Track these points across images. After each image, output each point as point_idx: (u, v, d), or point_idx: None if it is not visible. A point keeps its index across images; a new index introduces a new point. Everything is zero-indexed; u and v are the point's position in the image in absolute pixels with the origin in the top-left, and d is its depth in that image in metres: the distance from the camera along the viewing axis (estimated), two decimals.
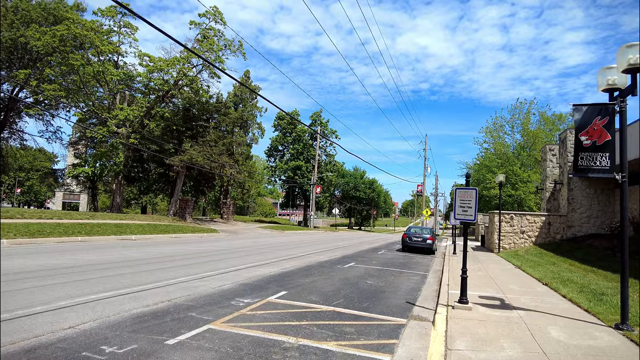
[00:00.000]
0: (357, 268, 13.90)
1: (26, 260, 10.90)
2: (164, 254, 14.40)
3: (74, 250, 14.02)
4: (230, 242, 22.61)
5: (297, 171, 57.53)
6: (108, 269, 10.13)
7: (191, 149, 29.58)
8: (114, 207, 32.11)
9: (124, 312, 6.22)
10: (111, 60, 32.36)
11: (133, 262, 11.85)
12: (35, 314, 5.77)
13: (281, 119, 61.11)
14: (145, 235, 21.27)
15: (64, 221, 19.73)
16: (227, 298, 7.69)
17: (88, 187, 53.76)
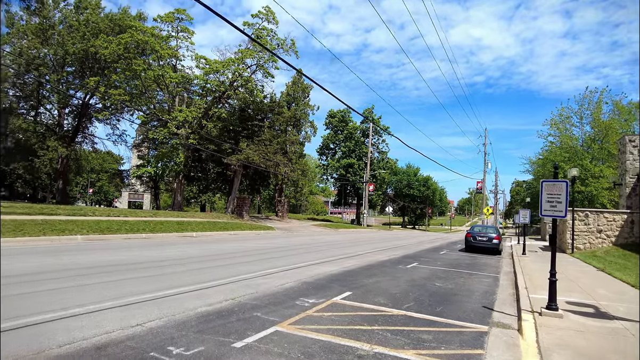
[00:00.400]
0: (422, 269, 13.15)
1: (97, 256, 11.31)
2: (224, 251, 14.49)
3: (139, 246, 14.49)
4: (287, 239, 22.58)
5: (349, 169, 56.92)
6: (171, 266, 10.23)
7: (247, 148, 30.04)
8: (175, 206, 33.41)
9: (189, 310, 6.06)
10: (170, 64, 33.65)
11: (195, 258, 11.95)
12: (105, 309, 5.75)
13: (332, 116, 60.78)
14: (205, 232, 21.76)
15: (129, 219, 20.65)
16: (292, 297, 7.36)
17: (151, 186, 56.75)
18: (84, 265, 9.48)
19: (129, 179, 61.34)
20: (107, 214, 20.38)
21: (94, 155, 61.65)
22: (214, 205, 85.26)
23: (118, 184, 62.81)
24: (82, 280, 7.72)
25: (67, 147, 39.56)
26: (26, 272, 8.21)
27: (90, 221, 17.87)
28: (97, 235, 16.14)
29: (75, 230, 15.76)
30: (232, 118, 32.03)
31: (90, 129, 47.99)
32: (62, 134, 42.18)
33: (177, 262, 10.84)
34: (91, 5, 39.88)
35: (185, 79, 33.74)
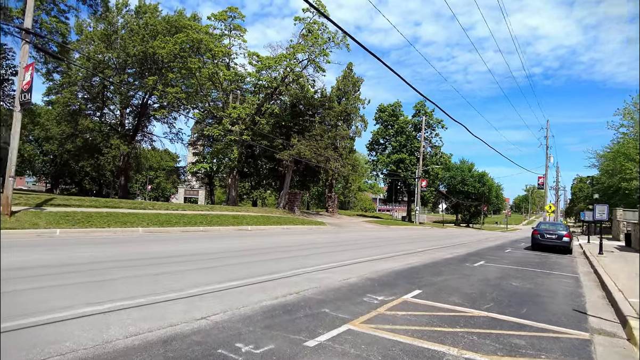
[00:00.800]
0: (491, 267, 12.16)
1: (158, 247, 11.45)
2: (280, 245, 14.28)
3: (197, 238, 14.62)
4: (339, 234, 22.13)
5: (400, 164, 55.45)
6: (230, 258, 10.07)
7: (299, 144, 29.93)
8: (230, 201, 34.06)
9: (254, 303, 5.72)
10: (223, 62, 34.26)
11: (253, 251, 11.78)
12: (168, 300, 5.54)
13: (382, 111, 59.53)
14: (259, 226, 21.83)
15: (187, 212, 21.13)
16: (358, 294, 6.85)
17: (205, 183, 58.70)
18: (146, 256, 9.55)
19: (185, 176, 63.77)
20: (165, 208, 20.99)
21: (152, 153, 64.79)
22: (265, 201, 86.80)
23: (175, 180, 65.54)
24: (144, 270, 7.67)
25: (128, 145, 41.61)
26: (91, 260, 8.32)
27: (150, 214, 18.41)
28: (157, 227, 16.55)
29: (137, 223, 16.25)
30: (284, 114, 32.07)
31: (149, 127, 50.40)
32: (124, 133, 44.46)
33: (235, 255, 10.69)
34: (149, 9, 41.61)
35: (238, 76, 34.22)
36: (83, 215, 15.33)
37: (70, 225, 13.74)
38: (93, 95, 43.45)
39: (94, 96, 43.49)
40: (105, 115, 46.86)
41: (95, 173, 61.61)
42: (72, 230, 13.40)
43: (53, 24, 22.95)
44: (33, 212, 14.11)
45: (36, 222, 13.05)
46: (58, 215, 14.33)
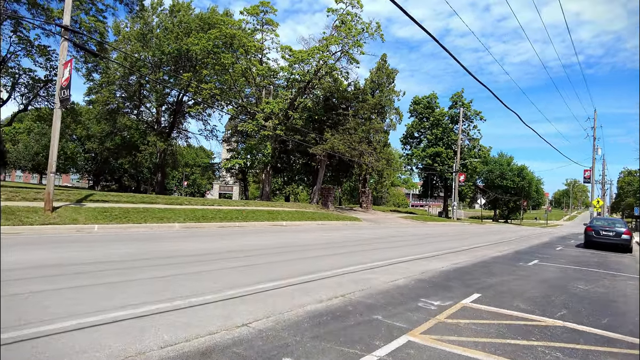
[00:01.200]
0: (547, 267, 11.16)
1: (195, 244, 11.17)
2: (317, 241, 13.76)
3: (234, 234, 14.33)
4: (376, 230, 21.40)
5: (437, 158, 53.72)
6: (269, 255, 9.62)
7: (332, 138, 29.31)
8: (264, 196, 33.95)
9: (297, 307, 5.19)
10: (256, 57, 34.07)
11: (290, 248, 11.31)
12: (206, 303, 5.09)
13: (417, 103, 57.87)
14: (293, 221, 21.44)
15: (222, 208, 21.00)
16: (410, 297, 6.19)
17: (240, 178, 59.18)
18: (182, 253, 9.25)
19: (219, 172, 64.66)
20: (201, 203, 20.94)
21: (188, 150, 66.13)
22: (298, 196, 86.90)
23: (210, 176, 66.65)
24: (181, 269, 7.31)
25: (164, 142, 42.36)
26: (126, 258, 8.06)
27: (187, 210, 18.36)
28: (193, 223, 16.42)
29: (173, 218, 16.18)
30: (317, 107, 31.52)
31: (184, 125, 51.27)
32: (160, 130, 45.34)
33: (273, 252, 10.24)
34: (183, 7, 42.08)
35: (271, 71, 33.96)
36: (120, 211, 15.39)
37: (108, 220, 13.77)
38: (130, 94, 44.53)
39: (131, 95, 44.57)
40: (142, 113, 47.99)
41: (134, 170, 63.56)
42: (109, 226, 13.41)
43: (92, 24, 23.34)
44: (73, 208, 14.24)
45: (76, 217, 13.13)
46: (96, 211, 14.41)
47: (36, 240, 9.97)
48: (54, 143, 13.01)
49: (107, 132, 47.93)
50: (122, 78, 42.23)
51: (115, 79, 41.63)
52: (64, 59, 13.24)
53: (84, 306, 4.58)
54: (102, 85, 41.44)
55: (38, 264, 6.83)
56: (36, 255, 7.72)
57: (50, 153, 12.93)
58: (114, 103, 43.84)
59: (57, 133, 13.07)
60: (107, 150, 53.08)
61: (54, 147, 12.97)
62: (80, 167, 72.83)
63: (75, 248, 8.98)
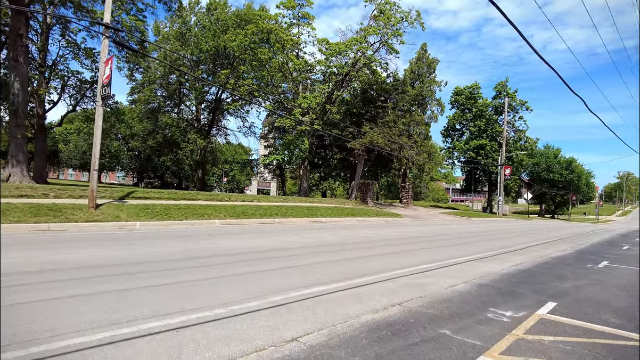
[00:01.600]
0: (621, 270, 9.97)
1: (236, 241, 10.83)
2: (360, 239, 13.11)
3: (275, 231, 13.95)
4: (419, 228, 20.46)
5: (480, 151, 51.45)
6: (313, 254, 9.09)
7: (371, 131, 28.44)
8: (302, 192, 33.64)
9: (351, 318, 4.59)
10: (293, 52, 33.70)
11: (334, 246, 10.73)
12: (250, 312, 4.58)
13: (458, 94, 55.65)
14: (333, 218, 20.88)
15: (262, 204, 20.76)
16: (477, 307, 5.44)
17: (277, 174, 59.46)
18: (223, 252, 8.88)
19: (257, 168, 65.26)
20: (241, 200, 20.80)
21: (227, 147, 67.22)
22: (334, 192, 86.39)
23: (249, 172, 67.49)
24: (222, 270, 6.91)
25: (204, 140, 43.03)
26: (168, 257, 7.76)
27: (227, 206, 18.22)
28: (234, 219, 16.22)
29: (214, 215, 16.03)
30: (355, 100, 30.70)
31: (223, 122, 51.97)
32: (200, 128, 46.12)
33: (317, 251, 9.71)
34: (220, 5, 42.40)
35: (307, 65, 33.48)
36: (162, 207, 15.39)
37: (149, 217, 13.75)
38: (170, 92, 45.52)
39: (171, 93, 45.56)
40: (182, 112, 49.03)
41: (175, 167, 65.29)
42: (151, 222, 13.36)
43: (132, 23, 23.71)
44: (115, 205, 14.35)
45: (118, 214, 13.17)
46: (138, 208, 14.46)
47: (80, 237, 9.95)
48: (97, 141, 13.10)
49: (149, 131, 49.33)
50: (163, 77, 43.22)
51: (156, 78, 42.64)
52: (105, 57, 13.27)
53: (120, 314, 4.19)
54: (144, 84, 42.57)
55: (80, 264, 6.62)
56: (79, 255, 7.57)
57: (93, 151, 13.02)
58: (155, 102, 45.00)
59: (99, 131, 13.15)
60: (150, 148, 54.69)
61: (97, 144, 13.05)
62: (125, 165, 75.79)
63: (117, 247, 8.83)
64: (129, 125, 51.19)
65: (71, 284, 5.34)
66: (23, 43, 21.69)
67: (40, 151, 30.39)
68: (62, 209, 12.37)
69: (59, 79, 30.72)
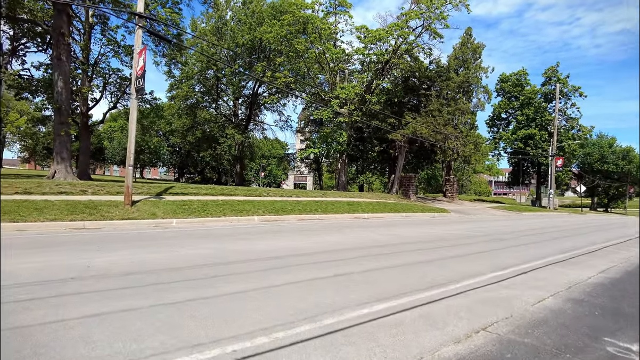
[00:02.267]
0: None
1: (275, 241, 9.97)
2: (410, 239, 11.91)
3: (315, 229, 13.03)
4: (470, 224, 18.91)
5: (529, 141, 48.28)
6: (363, 258, 8.04)
7: (414, 121, 26.89)
8: (340, 186, 32.62)
9: (428, 352, 3.52)
10: (330, 41, 32.58)
11: (384, 248, 9.61)
12: (300, 341, 3.62)
13: (504, 81, 52.50)
14: (375, 213, 19.73)
15: (301, 199, 19.93)
16: (584, 333, 4.22)
17: (314, 168, 58.79)
18: (263, 255, 8.01)
19: (294, 162, 64.94)
20: (280, 195, 20.07)
21: (264, 142, 67.31)
22: (372, 185, 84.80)
23: (285, 166, 67.37)
24: (263, 279, 5.99)
25: (242, 135, 42.90)
26: (203, 261, 6.97)
27: (266, 202, 17.51)
28: (273, 215, 15.45)
29: (252, 211, 15.33)
30: (396, 89, 29.18)
31: (260, 117, 51.80)
32: (237, 123, 46.06)
33: (365, 253, 8.65)
34: None
35: (345, 54, 32.27)
36: (199, 204, 14.85)
37: (186, 214, 13.19)
38: (208, 88, 45.66)
39: (209, 89, 45.69)
40: (220, 107, 49.18)
41: (214, 162, 66.12)
42: (187, 220, 12.79)
43: (168, 16, 23.45)
44: (152, 202, 13.92)
45: (154, 212, 12.69)
46: (175, 205, 13.96)
47: (113, 237, 9.42)
48: (132, 135, 12.63)
49: (188, 127, 49.85)
50: (200, 72, 43.32)
51: (193, 73, 42.79)
52: (139, 48, 12.75)
53: (138, 344, 3.34)
54: (182, 80, 42.85)
55: (106, 271, 5.93)
56: (111, 257, 6.93)
57: (128, 145, 12.57)
58: (193, 98, 45.28)
59: (134, 125, 12.68)
60: (189, 144, 55.44)
61: (132, 139, 12.59)
62: (166, 161, 77.71)
63: (150, 247, 8.17)
64: (168, 121, 51.99)
65: (92, 298, 4.60)
66: (65, 41, 21.87)
67: (85, 148, 31.11)
68: (97, 206, 12.01)
69: (101, 77, 31.26)
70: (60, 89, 21.88)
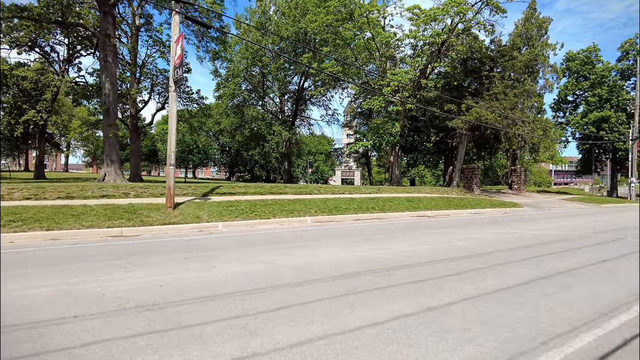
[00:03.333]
0: None
1: (332, 249, 8.33)
2: (497, 242, 9.80)
3: (377, 232, 11.26)
4: (556, 222, 16.24)
5: (603, 124, 43.29)
6: (455, 277, 6.19)
7: (477, 106, 24.22)
8: (393, 180, 30.53)
9: None
10: (379, 25, 30.45)
11: (475, 259, 7.65)
12: None
13: (571, 59, 47.52)
14: (439, 210, 17.58)
15: (355, 196, 18.21)
16: None
17: (362, 163, 56.78)
18: (323, 272, 6.40)
19: (341, 158, 63.38)
20: (331, 192, 18.47)
21: (311, 139, 66.33)
22: (423, 179, 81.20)
23: (333, 162, 66.04)
24: (331, 314, 4.37)
25: (289, 131, 41.87)
26: (245, 288, 5.46)
27: (317, 200, 15.99)
28: (326, 215, 13.88)
29: (304, 211, 13.85)
30: (455, 72, 26.52)
31: (307, 112, 50.55)
32: (284, 119, 45.09)
33: (455, 270, 6.75)
34: None
35: (396, 39, 30.02)
36: (247, 204, 13.58)
37: (233, 216, 11.93)
38: (254, 85, 45.02)
39: (255, 86, 45.05)
40: (266, 104, 48.50)
41: (263, 160, 66.02)
42: (235, 223, 11.52)
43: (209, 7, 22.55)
44: (197, 203, 12.80)
45: (199, 214, 11.52)
46: (221, 206, 12.76)
47: (150, 247, 8.23)
48: (172, 131, 11.51)
49: (236, 126, 49.65)
50: (246, 70, 42.70)
51: (239, 71, 42.23)
52: (176, 35, 11.60)
53: None
54: (228, 79, 42.46)
55: (123, 304, 4.58)
56: (137, 278, 5.63)
57: (168, 143, 11.46)
58: (240, 96, 44.82)
59: (174, 120, 11.55)
60: (238, 143, 55.41)
61: (172, 136, 11.47)
62: (217, 161, 78.93)
63: (189, 263, 6.81)
64: (217, 120, 52.17)
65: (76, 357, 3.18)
66: (111, 43, 21.57)
67: (135, 150, 31.29)
68: (137, 211, 11.01)
69: (149, 78, 31.27)
70: (108, 90, 21.63)
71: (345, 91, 40.97)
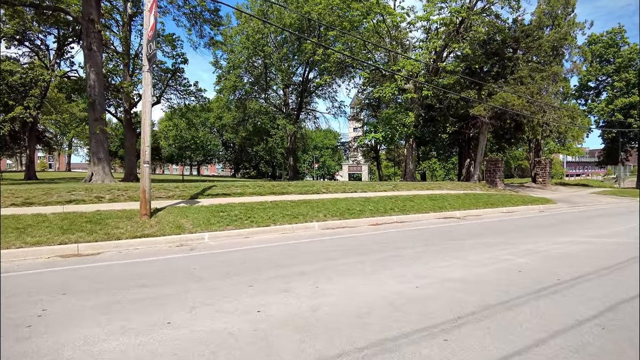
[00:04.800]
0: None
1: (357, 280, 6.06)
2: (562, 256, 7.47)
3: (405, 242, 9.00)
4: (609, 223, 13.88)
5: (631, 111, 40.37)
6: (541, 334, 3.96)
7: (502, 91, 21.73)
8: (407, 175, 28.14)
9: None
10: (388, 6, 27.94)
11: (551, 290, 5.39)
12: None
13: (593, 42, 44.56)
14: (468, 210, 15.23)
15: (369, 195, 15.91)
16: None
17: (372, 157, 54.37)
18: (343, 335, 4.18)
19: (348, 152, 61.14)
20: (342, 190, 16.17)
21: (316, 133, 64.02)
22: (435, 173, 78.42)
23: (340, 156, 63.78)
24: None
25: (293, 125, 39.65)
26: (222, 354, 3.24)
27: (326, 200, 13.73)
28: (337, 219, 11.62)
29: (310, 215, 11.60)
30: (476, 55, 23.95)
31: (312, 104, 48.19)
32: (288, 113, 42.79)
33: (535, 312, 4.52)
34: None
35: (408, 21, 27.52)
36: (242, 208, 11.36)
37: (223, 224, 9.73)
38: (256, 77, 42.75)
39: (257, 78, 42.78)
40: (269, 97, 46.24)
41: (268, 156, 63.91)
42: (224, 233, 9.32)
43: None
44: (181, 208, 10.61)
45: (181, 223, 9.32)
46: (210, 211, 10.55)
47: (99, 278, 6.05)
48: (145, 122, 9.28)
49: (239, 120, 47.46)
50: (247, 61, 40.43)
51: (240, 62, 39.96)
52: (150, 2, 9.35)
53: None
54: (229, 70, 40.23)
55: None
56: (52, 351, 3.45)
57: (142, 133, 9.24)
58: (242, 88, 42.58)
59: (149, 108, 9.32)
60: (241, 139, 53.28)
61: (145, 127, 9.23)
62: (221, 157, 76.92)
63: (134, 312, 4.61)
64: (219, 115, 50.05)
65: None
66: (95, 29, 19.35)
67: (131, 147, 29.22)
68: (104, 220, 8.85)
69: None
70: (93, 82, 19.51)
71: (352, 81, 38.54)
